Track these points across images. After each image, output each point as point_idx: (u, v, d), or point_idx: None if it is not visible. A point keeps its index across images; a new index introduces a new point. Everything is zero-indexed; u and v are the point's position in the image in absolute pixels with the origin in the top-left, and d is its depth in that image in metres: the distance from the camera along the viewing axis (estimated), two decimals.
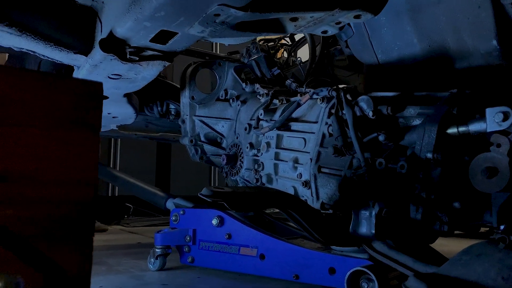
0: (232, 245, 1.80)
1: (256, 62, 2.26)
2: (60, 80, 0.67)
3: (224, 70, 2.24)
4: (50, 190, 0.66)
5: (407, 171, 1.33)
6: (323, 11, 1.11)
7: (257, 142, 2.01)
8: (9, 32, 1.18)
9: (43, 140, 0.66)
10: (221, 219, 1.85)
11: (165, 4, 0.97)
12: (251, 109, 2.13)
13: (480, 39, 1.54)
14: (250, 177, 2.04)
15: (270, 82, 2.24)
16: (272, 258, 1.67)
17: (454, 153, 1.32)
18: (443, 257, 1.51)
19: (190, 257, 1.93)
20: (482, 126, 1.22)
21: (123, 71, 1.32)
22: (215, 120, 2.26)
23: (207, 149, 2.31)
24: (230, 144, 2.19)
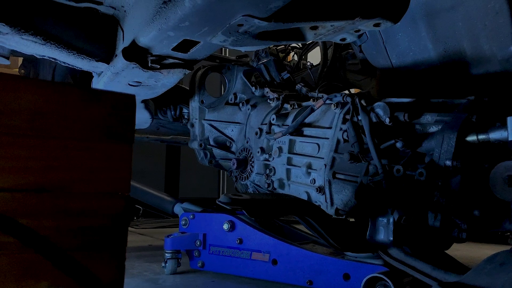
0: (243, 250, 1.80)
1: (265, 66, 2.26)
2: (95, 93, 0.69)
3: (233, 74, 2.23)
4: (86, 202, 0.68)
5: (426, 178, 1.33)
6: (344, 20, 1.12)
7: (268, 146, 2.01)
8: (34, 41, 1.20)
9: (79, 152, 0.67)
10: (232, 223, 1.84)
11: (190, 15, 0.98)
12: (261, 113, 2.13)
13: (498, 45, 1.54)
14: (261, 181, 2.03)
15: (279, 86, 2.23)
16: (285, 263, 1.67)
17: (473, 160, 1.32)
18: (459, 263, 1.51)
19: (200, 262, 1.93)
20: (503, 135, 1.23)
21: (144, 78, 1.34)
22: (224, 124, 2.26)
23: (216, 153, 2.30)
24: (240, 149, 2.18)
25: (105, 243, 0.68)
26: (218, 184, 5.18)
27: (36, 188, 0.64)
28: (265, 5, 0.93)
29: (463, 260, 2.59)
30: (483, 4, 1.53)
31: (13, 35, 1.19)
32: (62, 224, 0.65)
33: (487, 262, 1.00)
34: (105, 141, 0.69)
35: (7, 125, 0.62)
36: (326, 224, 1.54)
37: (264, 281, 1.75)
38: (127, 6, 1.24)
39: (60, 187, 0.65)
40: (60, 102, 0.66)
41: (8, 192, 0.62)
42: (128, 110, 0.71)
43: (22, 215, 0.62)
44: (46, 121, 0.65)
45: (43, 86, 0.65)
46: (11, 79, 0.63)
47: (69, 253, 0.65)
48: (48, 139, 0.65)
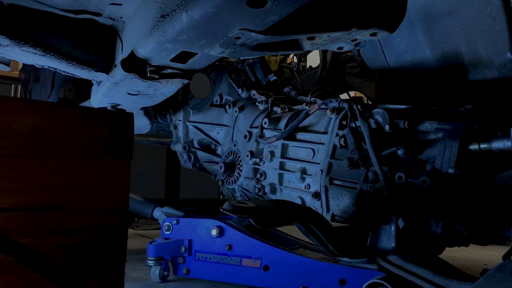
0: (232, 256, 1.76)
1: (250, 68, 2.20)
2: (94, 112, 0.70)
3: (218, 75, 2.17)
4: (85, 219, 0.69)
5: (429, 186, 1.35)
6: (340, 31, 1.13)
7: (258, 150, 1.97)
8: (34, 52, 1.21)
9: (79, 171, 0.69)
10: (220, 229, 1.79)
11: (187, 29, 0.99)
12: (249, 116, 2.08)
13: (495, 51, 1.55)
14: (249, 186, 2.00)
15: (265, 88, 2.18)
16: (277, 269, 1.64)
17: (475, 168, 1.34)
18: (454, 268, 1.52)
19: (185, 269, 1.88)
20: (506, 144, 1.25)
21: (143, 88, 1.35)
22: (210, 126, 2.19)
23: (200, 156, 2.24)
24: (227, 152, 2.13)
25: (104, 259, 0.69)
26: (218, 186, 5.18)
27: (36, 207, 0.65)
28: (262, 19, 0.94)
29: (462, 261, 2.60)
30: (480, 10, 1.54)
31: (13, 47, 1.20)
32: (62, 241, 0.66)
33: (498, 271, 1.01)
34: (104, 158, 0.70)
35: (8, 147, 0.64)
36: (328, 232, 1.54)
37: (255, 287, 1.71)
38: (125, 18, 1.25)
39: (60, 205, 0.67)
40: (60, 122, 0.67)
41: (8, 212, 0.63)
42: (126, 128, 0.72)
43: (22, 234, 0.64)
44: (46, 141, 0.66)
45: (43, 107, 0.67)
46: (13, 101, 0.64)
47: (69, 270, 0.66)
48: (48, 159, 0.66)
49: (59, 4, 1.20)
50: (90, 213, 0.69)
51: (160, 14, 1.03)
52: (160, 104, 1.87)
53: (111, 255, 0.70)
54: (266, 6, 0.88)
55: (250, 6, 0.88)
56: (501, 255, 1.32)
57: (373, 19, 1.18)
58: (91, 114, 0.70)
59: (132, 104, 1.60)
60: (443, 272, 1.31)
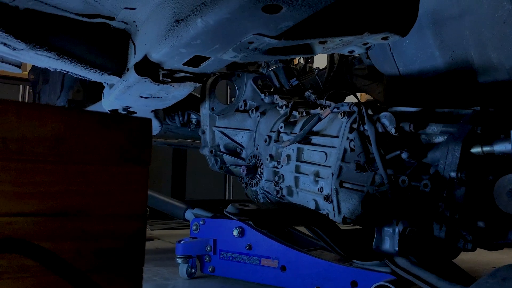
0: (253, 256, 1.82)
1: (274, 73, 2.26)
2: (113, 118, 0.71)
3: (243, 81, 2.25)
4: (104, 224, 0.70)
5: (431, 189, 1.35)
6: (352, 35, 1.13)
7: (277, 154, 2.02)
8: (48, 56, 1.23)
9: (98, 176, 0.70)
10: (241, 230, 1.87)
11: (202, 34, 1.00)
12: (270, 120, 2.14)
13: (505, 55, 1.55)
14: (270, 188, 2.05)
15: (288, 93, 2.24)
16: (293, 270, 1.69)
17: (478, 172, 1.33)
18: (466, 273, 1.52)
19: (211, 267, 1.96)
20: (507, 147, 1.23)
21: (155, 91, 1.36)
22: (234, 131, 2.28)
23: (226, 159, 2.32)
24: (250, 155, 2.21)
25: (123, 264, 0.70)
26: (224, 187, 5.20)
27: (57, 212, 0.67)
28: (276, 25, 0.95)
29: (471, 264, 2.59)
30: (491, 13, 1.53)
31: (28, 51, 1.22)
32: (82, 246, 0.68)
33: (490, 277, 1.02)
34: (122, 164, 0.71)
35: (31, 152, 0.65)
36: (333, 233, 1.56)
37: (273, 287, 1.77)
38: (139, 22, 1.26)
39: (80, 210, 0.68)
40: (80, 128, 0.68)
41: (30, 216, 0.65)
42: (144, 134, 0.73)
43: (43, 239, 0.65)
44: (67, 147, 0.67)
45: (64, 113, 0.68)
46: (34, 107, 0.65)
47: (89, 275, 0.67)
48: (68, 164, 0.67)
49: (73, 9, 1.21)
50: (110, 218, 0.70)
51: (175, 19, 1.04)
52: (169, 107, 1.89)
53: (130, 259, 0.71)
54: (281, 12, 0.89)
55: (265, 12, 0.89)
56: (510, 258, 1.32)
57: (385, 23, 1.18)
58: (109, 120, 0.71)
59: (143, 107, 1.61)
60: (450, 277, 1.31)
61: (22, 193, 0.64)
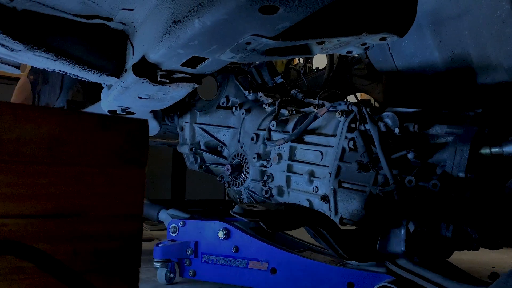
0: (240, 259, 1.75)
1: (257, 70, 2.20)
2: (110, 120, 0.71)
3: (225, 77, 2.17)
4: (101, 225, 0.70)
5: (439, 189, 1.34)
6: (350, 35, 1.13)
7: (265, 152, 1.98)
8: (46, 57, 1.23)
9: (95, 178, 0.70)
10: (227, 231, 1.79)
11: (199, 34, 1.00)
12: (256, 118, 2.09)
13: (504, 54, 1.55)
14: (256, 188, 2.00)
15: (272, 91, 2.18)
16: (285, 272, 1.64)
17: (486, 173, 1.33)
18: (464, 272, 1.52)
19: (191, 271, 1.87)
20: None
21: (153, 92, 1.36)
22: (216, 128, 2.20)
23: (206, 158, 2.25)
24: (233, 154, 2.14)
25: (120, 264, 0.70)
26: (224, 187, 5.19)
27: (53, 213, 0.67)
28: (273, 26, 0.95)
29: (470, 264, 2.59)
30: (490, 13, 1.53)
31: (26, 52, 1.22)
32: (79, 247, 0.68)
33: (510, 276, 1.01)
34: (119, 166, 0.71)
35: (27, 154, 0.65)
36: (337, 235, 1.54)
37: None
38: (136, 22, 1.26)
39: (77, 212, 0.68)
40: (77, 130, 0.69)
41: (26, 218, 0.65)
42: (141, 136, 0.73)
43: (39, 240, 0.65)
44: (63, 148, 0.67)
45: (61, 115, 0.68)
46: (31, 109, 0.65)
47: (85, 276, 0.67)
48: (65, 166, 0.67)
49: (71, 10, 1.21)
50: (106, 219, 0.70)
51: (172, 20, 1.04)
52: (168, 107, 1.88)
53: (127, 260, 0.71)
54: (278, 13, 0.89)
55: (262, 13, 0.89)
56: (509, 258, 1.32)
57: (383, 24, 1.18)
58: (107, 122, 0.71)
59: (142, 108, 1.61)
60: (452, 276, 1.31)
61: (19, 195, 0.64)
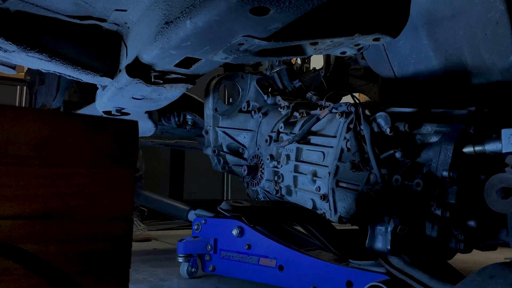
0: (251, 255, 1.84)
1: (278, 75, 2.30)
2: (99, 121, 0.71)
3: (246, 82, 2.28)
4: (90, 226, 0.70)
5: (423, 188, 1.35)
6: (343, 36, 1.13)
7: (278, 154, 2.04)
8: (40, 58, 1.23)
9: (85, 179, 0.70)
10: (241, 229, 1.89)
11: (191, 35, 1.00)
12: (272, 121, 2.17)
13: (498, 55, 1.55)
14: (270, 188, 2.07)
15: (291, 94, 2.27)
16: (291, 269, 1.71)
17: (470, 171, 1.34)
18: (460, 274, 1.52)
19: (211, 266, 1.99)
20: (498, 147, 1.24)
21: (147, 92, 1.36)
22: (237, 131, 2.30)
23: (229, 159, 2.35)
24: (252, 155, 2.23)
25: (109, 266, 0.71)
26: (222, 187, 5.20)
27: (42, 214, 0.67)
28: (265, 27, 0.95)
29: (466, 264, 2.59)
30: (484, 13, 1.54)
31: (19, 53, 1.22)
32: (68, 249, 0.68)
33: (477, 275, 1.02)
34: (109, 167, 0.72)
35: (15, 155, 0.65)
36: (327, 232, 1.56)
37: (271, 286, 1.79)
38: (130, 23, 1.26)
39: (66, 213, 0.68)
40: (66, 131, 0.69)
41: (14, 219, 0.65)
42: (130, 137, 0.74)
43: (28, 242, 0.65)
44: (52, 149, 0.68)
45: (49, 116, 0.68)
46: (19, 110, 0.65)
47: (75, 277, 0.67)
48: (54, 167, 0.67)
49: (64, 11, 1.21)
50: (95, 220, 0.70)
51: (164, 21, 1.04)
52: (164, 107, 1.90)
53: (116, 261, 0.71)
54: (269, 14, 0.89)
55: (253, 14, 0.89)
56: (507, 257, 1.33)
57: (375, 24, 1.18)
58: (96, 122, 0.71)
59: (136, 108, 1.61)
60: (443, 277, 1.32)
61: (7, 196, 0.64)
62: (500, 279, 0.99)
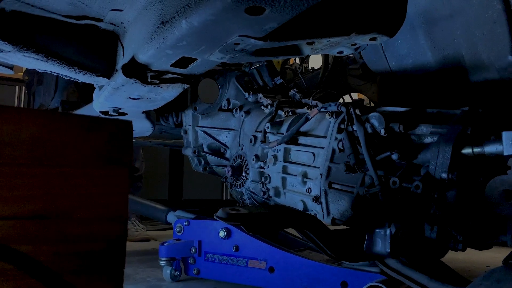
0: (240, 258, 1.80)
1: (257, 71, 2.22)
2: (93, 121, 0.71)
3: (226, 79, 2.20)
4: (85, 227, 0.70)
5: (422, 191, 1.34)
6: (340, 36, 1.13)
7: (263, 154, 1.99)
8: (36, 58, 1.23)
9: (79, 179, 0.70)
10: (228, 231, 1.84)
11: (187, 35, 1.00)
12: (255, 120, 2.11)
13: (495, 54, 1.55)
14: (256, 189, 2.02)
15: (272, 92, 2.20)
16: (282, 271, 1.67)
17: (468, 173, 1.33)
18: (455, 273, 1.52)
19: (195, 269, 1.93)
20: (498, 149, 1.23)
21: (144, 92, 1.36)
22: (218, 131, 2.23)
23: (210, 160, 2.29)
24: (234, 155, 2.16)
25: (103, 266, 0.70)
26: (221, 187, 5.20)
27: (36, 215, 0.66)
28: (260, 26, 0.95)
29: (465, 263, 2.59)
30: (481, 13, 1.54)
31: (15, 53, 1.22)
32: (62, 249, 0.67)
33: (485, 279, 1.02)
34: (103, 167, 0.71)
35: (9, 156, 0.65)
36: (325, 236, 1.55)
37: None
38: (126, 23, 1.26)
39: (60, 213, 0.68)
40: (59, 131, 0.68)
41: (8, 220, 0.64)
42: (125, 136, 0.73)
43: (22, 242, 0.65)
44: (46, 150, 0.67)
45: (43, 116, 0.68)
46: (13, 111, 0.65)
47: (68, 278, 0.67)
48: (48, 168, 0.67)
49: (60, 10, 1.21)
50: (90, 221, 0.70)
51: (160, 20, 1.04)
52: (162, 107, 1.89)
53: (111, 262, 0.71)
54: (264, 13, 0.89)
55: (248, 14, 0.89)
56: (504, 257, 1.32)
57: (372, 24, 1.18)
58: (89, 122, 0.71)
59: (133, 108, 1.61)
60: (441, 277, 1.31)
61: (0, 196, 0.64)
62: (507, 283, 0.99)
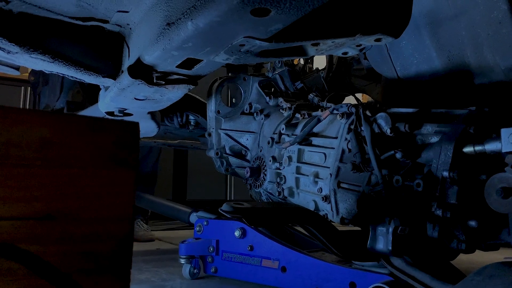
0: (254, 257, 1.84)
1: (280, 76, 2.30)
2: (100, 122, 0.72)
3: (248, 84, 2.29)
4: (92, 227, 0.71)
5: (423, 189, 1.35)
6: (345, 37, 1.13)
7: (280, 155, 2.03)
8: (43, 59, 1.24)
9: (86, 180, 0.70)
10: (243, 231, 1.89)
11: (193, 37, 1.01)
12: (274, 122, 2.17)
13: (501, 55, 1.55)
14: (273, 189, 2.07)
15: (293, 96, 2.27)
16: (294, 271, 1.70)
17: (470, 171, 1.33)
18: (462, 274, 1.52)
19: (213, 268, 1.98)
20: (498, 146, 1.24)
21: (149, 93, 1.37)
22: (239, 133, 2.30)
23: (232, 162, 2.35)
24: (254, 157, 2.23)
25: (110, 267, 0.71)
26: (225, 187, 5.21)
27: (44, 216, 0.67)
28: (266, 28, 0.96)
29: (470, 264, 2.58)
30: (486, 13, 1.53)
31: (22, 54, 1.23)
32: (69, 249, 0.68)
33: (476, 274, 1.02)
34: (110, 168, 0.72)
35: (17, 157, 0.65)
36: (328, 233, 1.56)
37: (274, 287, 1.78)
38: (132, 24, 1.27)
39: (67, 214, 0.68)
40: (67, 132, 0.69)
41: (16, 220, 0.65)
42: (132, 138, 0.74)
43: (30, 242, 0.66)
44: (53, 151, 0.68)
45: (50, 117, 0.68)
46: (20, 112, 0.66)
47: (76, 278, 0.68)
48: (55, 168, 0.68)
49: (67, 12, 1.22)
50: (96, 221, 0.70)
51: (166, 22, 1.04)
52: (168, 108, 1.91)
53: (117, 262, 0.71)
54: (269, 15, 0.89)
55: (254, 15, 0.89)
56: None
57: (377, 25, 1.18)
58: (96, 124, 0.71)
59: (139, 109, 1.62)
60: (445, 277, 1.31)
61: (8, 197, 0.65)
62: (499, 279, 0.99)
